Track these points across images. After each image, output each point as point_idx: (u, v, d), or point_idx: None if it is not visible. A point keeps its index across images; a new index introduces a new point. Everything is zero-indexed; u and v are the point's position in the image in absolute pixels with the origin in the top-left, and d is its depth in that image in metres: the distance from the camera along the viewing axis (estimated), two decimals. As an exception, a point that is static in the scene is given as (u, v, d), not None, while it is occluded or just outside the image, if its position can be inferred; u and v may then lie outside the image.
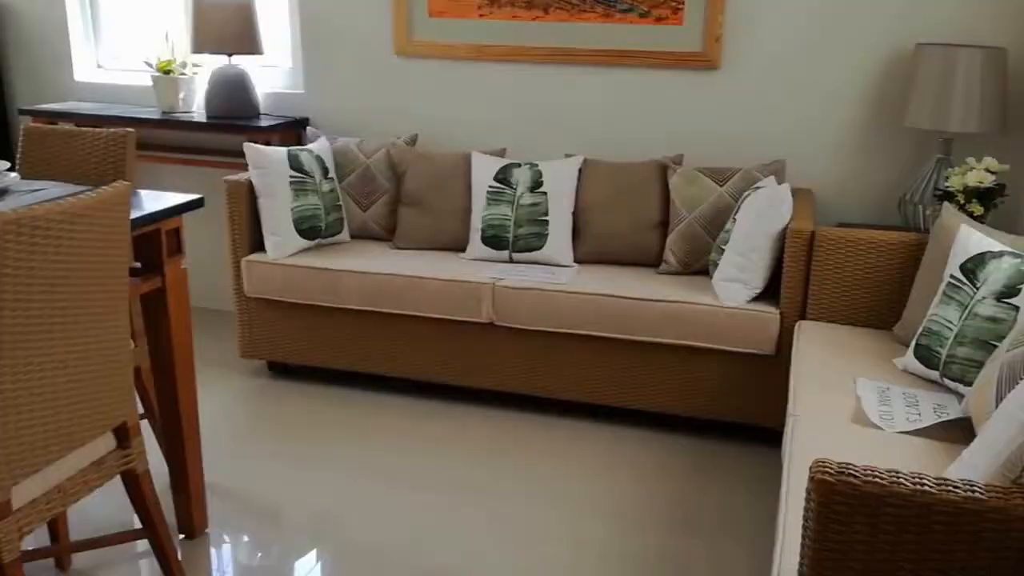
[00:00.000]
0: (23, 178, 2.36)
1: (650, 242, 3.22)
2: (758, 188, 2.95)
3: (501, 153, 3.44)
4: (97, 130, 2.48)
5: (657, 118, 3.43)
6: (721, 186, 3.13)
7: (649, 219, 3.22)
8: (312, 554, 2.39)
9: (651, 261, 3.23)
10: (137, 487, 2.02)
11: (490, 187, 3.27)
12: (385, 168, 3.46)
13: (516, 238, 3.23)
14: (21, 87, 4.15)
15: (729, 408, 2.95)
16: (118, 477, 2.00)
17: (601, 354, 3.01)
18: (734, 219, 2.96)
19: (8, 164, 2.25)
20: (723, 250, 2.95)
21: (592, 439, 3.02)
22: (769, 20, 3.23)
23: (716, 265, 2.98)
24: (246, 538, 2.46)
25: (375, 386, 3.39)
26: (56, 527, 2.33)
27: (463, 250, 3.36)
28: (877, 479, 1.33)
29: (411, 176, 3.40)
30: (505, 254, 3.25)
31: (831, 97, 3.24)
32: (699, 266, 3.13)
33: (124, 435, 1.96)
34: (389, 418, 3.15)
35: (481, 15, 3.51)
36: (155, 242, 2.17)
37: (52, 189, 2.22)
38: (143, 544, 2.43)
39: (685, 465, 2.86)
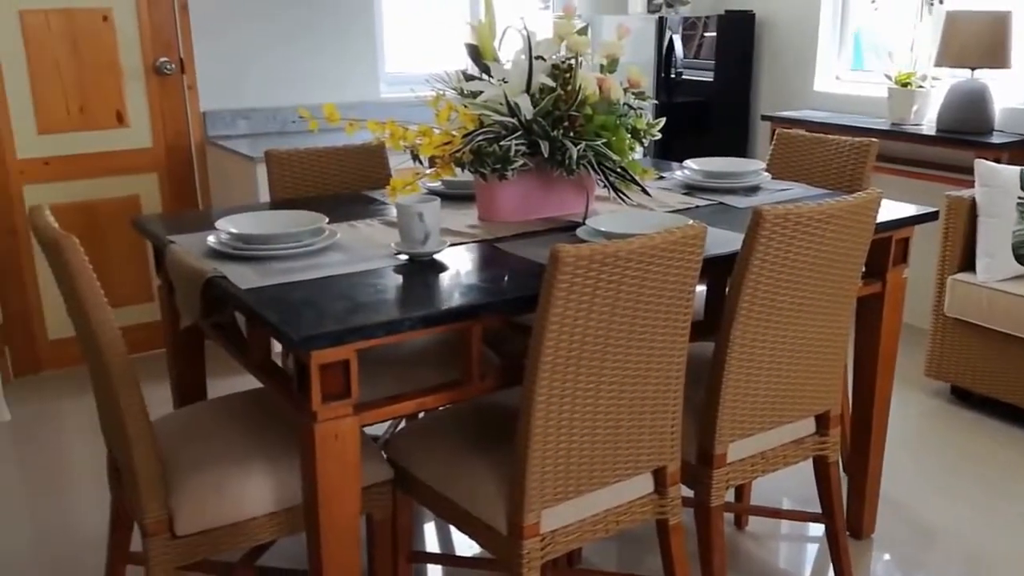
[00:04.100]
0: (772, 178, 2.66)
1: None
2: None
3: None
4: (842, 138, 2.65)
5: None
6: None
7: None
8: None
9: None
10: (826, 474, 2.15)
11: None
12: None
13: None
14: (765, 94, 4.64)
15: None
16: (798, 462, 2.12)
17: None
18: None
19: (762, 164, 2.56)
20: None
21: None
22: None
23: None
24: (904, 555, 2.42)
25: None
26: (742, 489, 2.60)
27: None
28: None
29: None
30: None
31: None
32: None
33: (824, 423, 2.10)
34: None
35: None
36: (884, 249, 2.23)
37: (796, 190, 2.46)
38: (801, 527, 2.57)
39: None
